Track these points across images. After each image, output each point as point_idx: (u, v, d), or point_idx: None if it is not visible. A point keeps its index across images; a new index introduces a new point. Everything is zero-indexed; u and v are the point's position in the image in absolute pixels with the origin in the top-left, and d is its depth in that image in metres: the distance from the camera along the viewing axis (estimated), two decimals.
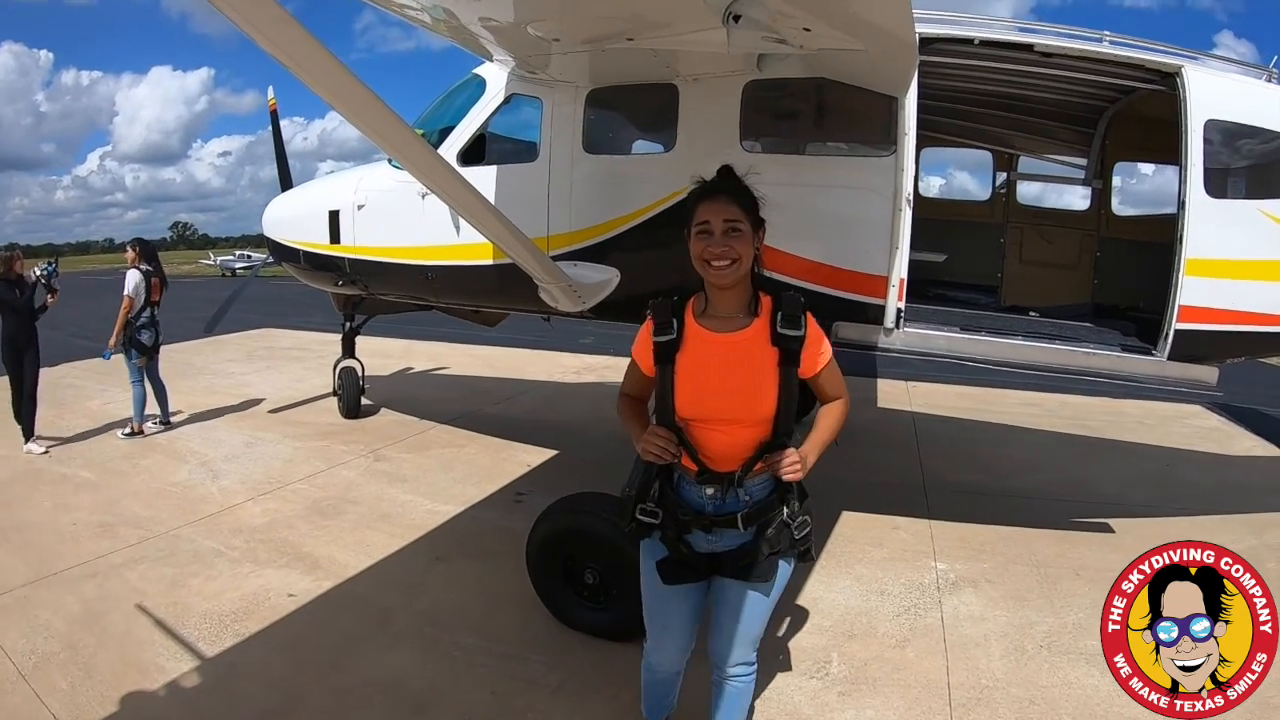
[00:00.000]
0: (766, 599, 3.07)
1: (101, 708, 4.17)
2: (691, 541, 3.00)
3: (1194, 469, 8.87)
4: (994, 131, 8.26)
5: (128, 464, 8.37)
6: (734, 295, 2.87)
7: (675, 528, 3.00)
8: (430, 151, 4.32)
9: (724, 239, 2.78)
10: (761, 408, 2.84)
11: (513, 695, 4.28)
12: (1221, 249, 5.44)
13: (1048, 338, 5.94)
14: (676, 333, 2.89)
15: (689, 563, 3.01)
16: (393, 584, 5.61)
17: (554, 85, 6.14)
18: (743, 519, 2.93)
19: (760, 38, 4.22)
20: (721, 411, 2.85)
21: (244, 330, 18.79)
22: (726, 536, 2.98)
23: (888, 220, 5.51)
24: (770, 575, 2.98)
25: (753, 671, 3.24)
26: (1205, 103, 5.46)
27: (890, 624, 5.14)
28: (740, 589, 3.03)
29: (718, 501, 2.94)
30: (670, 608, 3.16)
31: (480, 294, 7.21)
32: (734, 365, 2.85)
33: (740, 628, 3.09)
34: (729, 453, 2.89)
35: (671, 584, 3.04)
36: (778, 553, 2.96)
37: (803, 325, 2.85)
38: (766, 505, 2.96)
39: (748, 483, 2.92)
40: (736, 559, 2.97)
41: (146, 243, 9.77)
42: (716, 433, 2.88)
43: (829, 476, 7.82)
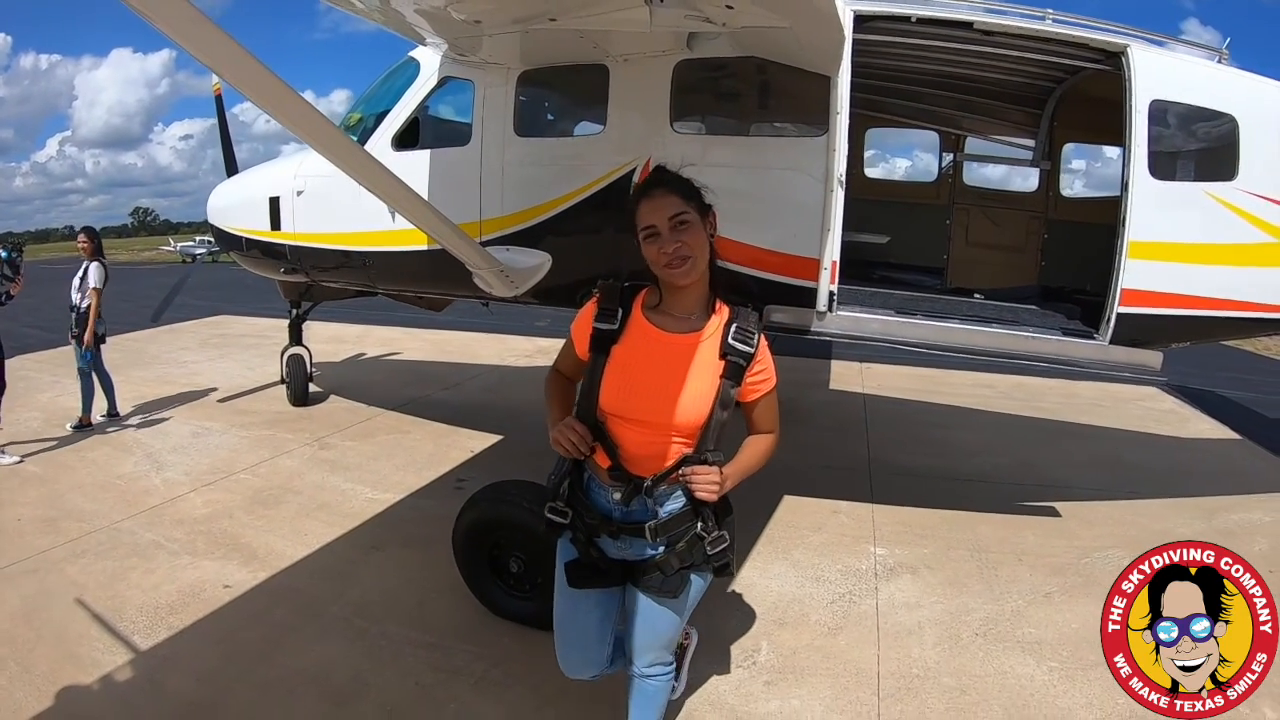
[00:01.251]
0: (679, 611, 2.97)
1: (38, 703, 4.15)
2: (602, 546, 2.90)
3: (1146, 452, 8.91)
4: (941, 112, 8.25)
5: (75, 456, 8.27)
6: (691, 294, 2.75)
7: (584, 530, 2.89)
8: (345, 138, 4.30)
9: (673, 235, 2.61)
10: (692, 417, 2.71)
11: (436, 686, 4.25)
12: (1165, 232, 5.43)
13: (988, 321, 5.93)
14: (619, 323, 2.77)
15: (600, 567, 2.92)
16: (327, 574, 5.56)
17: (485, 67, 6.10)
18: (650, 531, 2.80)
19: (683, 16, 4.22)
20: (649, 413, 2.72)
21: (199, 318, 18.58)
22: (635, 546, 2.86)
23: (819, 202, 5.48)
24: (679, 590, 2.87)
25: (669, 672, 3.15)
26: (1150, 83, 5.43)
27: (823, 611, 5.11)
28: (650, 602, 2.91)
29: (623, 508, 2.82)
30: (576, 615, 3.08)
31: (416, 280, 7.20)
32: (674, 368, 2.71)
33: (652, 636, 3.00)
34: (644, 455, 2.77)
35: (579, 588, 2.96)
36: (689, 567, 2.86)
37: (755, 344, 2.74)
38: (679, 518, 2.82)
39: (658, 493, 2.79)
40: (646, 570, 2.86)
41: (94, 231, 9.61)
42: (638, 433, 2.75)
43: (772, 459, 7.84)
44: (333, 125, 4.09)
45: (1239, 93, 5.50)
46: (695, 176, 2.77)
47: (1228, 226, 5.39)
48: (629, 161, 5.75)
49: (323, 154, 4.12)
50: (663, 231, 2.61)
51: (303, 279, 8.36)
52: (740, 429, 2.91)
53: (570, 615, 3.09)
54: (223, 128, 10.51)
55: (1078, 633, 4.85)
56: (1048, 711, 4.17)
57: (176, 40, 2.78)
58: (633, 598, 2.97)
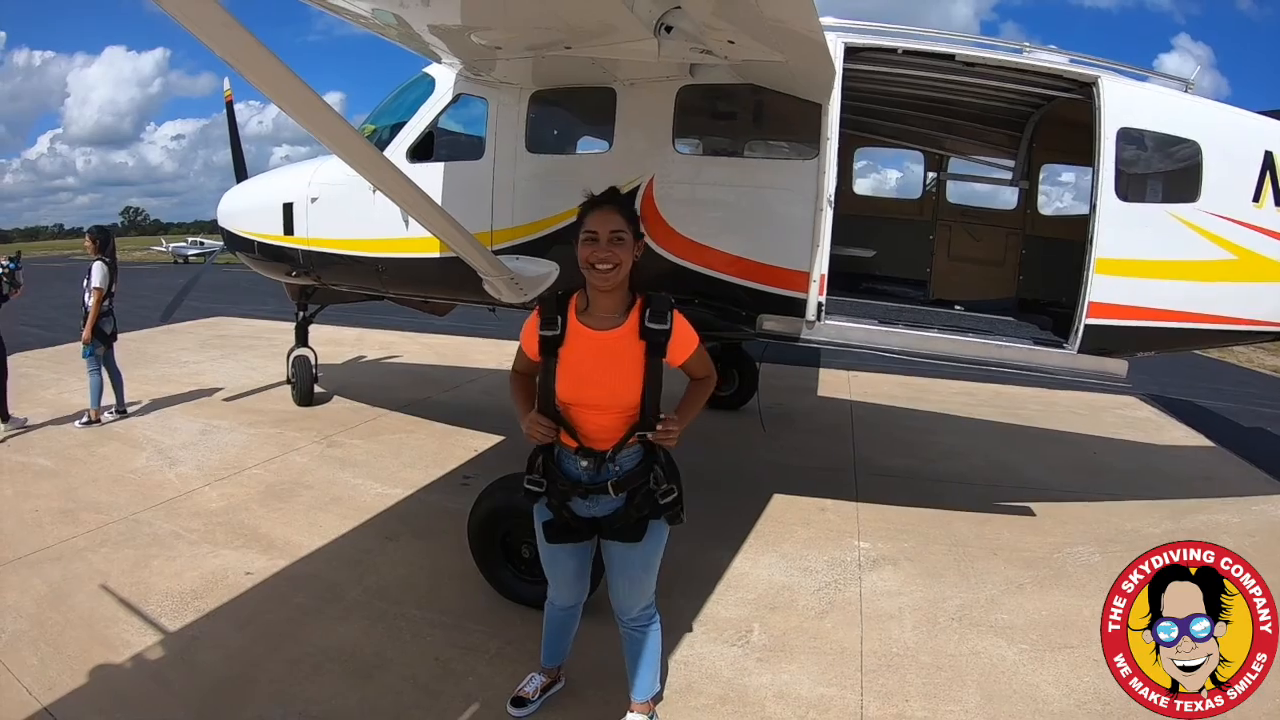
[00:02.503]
0: (645, 555, 3.51)
1: (72, 680, 4.36)
2: (573, 507, 3.45)
3: (1120, 456, 9.22)
4: (925, 133, 8.57)
5: (85, 452, 8.45)
6: (612, 298, 3.25)
7: (557, 496, 3.43)
8: (373, 150, 4.50)
9: (609, 246, 3.13)
10: (630, 396, 3.26)
11: (454, 660, 4.56)
12: (1130, 249, 5.77)
13: (965, 330, 6.27)
14: (560, 329, 3.28)
15: (572, 526, 3.46)
16: (343, 562, 5.83)
17: (499, 86, 6.39)
18: (612, 486, 3.36)
19: (689, 48, 4.51)
20: (596, 399, 3.27)
21: (197, 319, 18.65)
22: (601, 503, 3.42)
23: (810, 219, 5.83)
24: (640, 534, 3.42)
25: (654, 618, 3.71)
26: (1118, 112, 5.78)
27: (810, 598, 5.44)
28: (621, 550, 3.49)
29: (592, 473, 3.35)
30: (560, 561, 3.67)
31: (427, 286, 7.47)
32: (608, 360, 3.24)
33: (628, 583, 3.56)
34: (602, 433, 3.33)
35: (556, 543, 3.53)
36: (645, 515, 3.40)
37: (669, 321, 3.25)
38: (635, 474, 3.37)
39: (619, 456, 3.34)
40: (612, 521, 3.41)
41: (105, 231, 9.86)
42: (591, 415, 3.31)
43: (763, 461, 8.16)
44: (360, 135, 4.35)
45: (1202, 120, 5.86)
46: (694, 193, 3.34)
47: (1190, 245, 5.73)
48: (633, 179, 6.05)
49: (349, 162, 4.33)
50: (601, 239, 3.13)
51: (312, 282, 8.60)
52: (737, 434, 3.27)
53: (553, 563, 3.70)
54: (233, 133, 10.68)
55: (1047, 619, 5.21)
56: (1017, 686, 4.48)
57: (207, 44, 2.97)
58: (607, 552, 3.58)
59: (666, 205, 6.08)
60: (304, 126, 3.72)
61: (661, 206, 6.09)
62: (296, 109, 3.57)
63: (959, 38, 6.25)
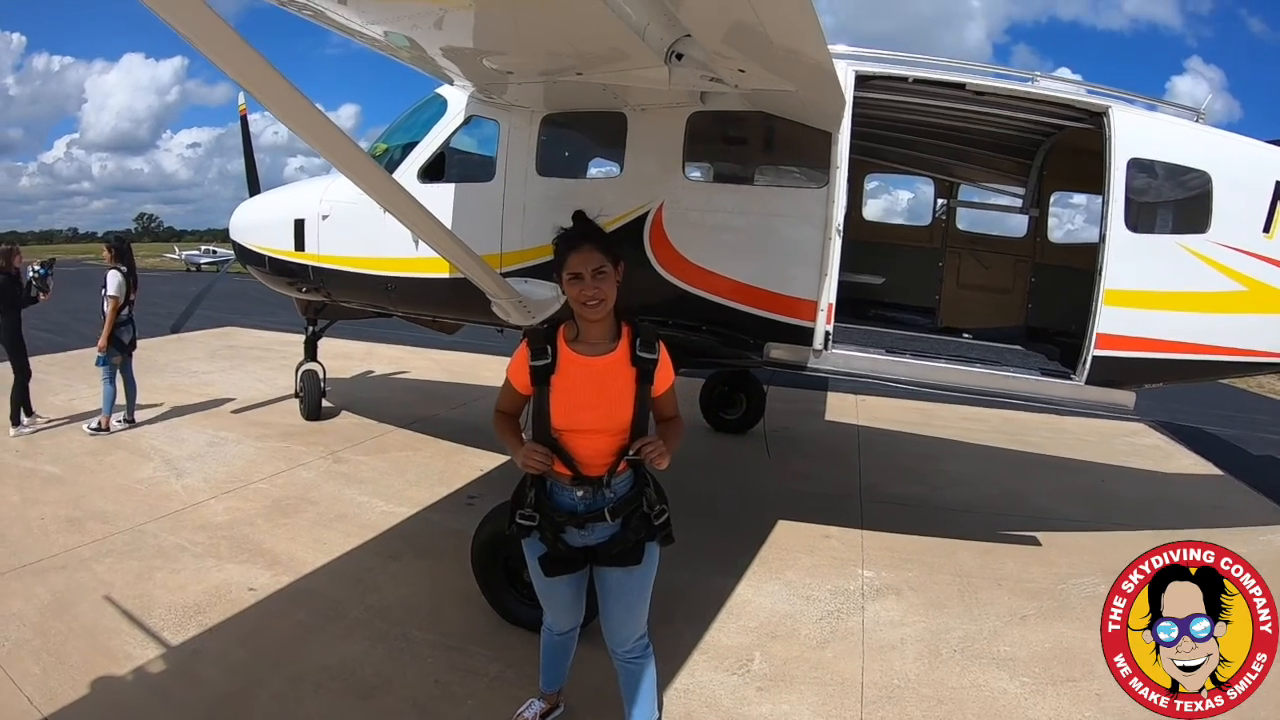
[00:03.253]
0: (641, 580, 3.53)
1: (73, 691, 4.41)
2: (566, 539, 3.45)
3: (1128, 484, 9.16)
4: (935, 160, 8.57)
5: (93, 460, 8.54)
6: (601, 326, 3.32)
7: (551, 528, 3.43)
8: (381, 172, 4.55)
9: (594, 282, 3.21)
10: (623, 417, 3.32)
11: (454, 683, 4.56)
12: (1139, 280, 5.74)
13: (971, 360, 6.26)
14: (551, 358, 3.32)
15: (566, 557, 3.47)
16: (347, 580, 5.85)
17: (510, 109, 6.42)
18: (609, 512, 3.40)
19: (699, 76, 4.54)
20: (591, 423, 3.31)
21: (207, 328, 18.82)
22: (597, 530, 3.43)
23: (819, 248, 5.83)
24: (638, 558, 3.45)
25: (647, 649, 3.70)
26: (1129, 142, 5.76)
27: (812, 627, 5.42)
28: (617, 575, 3.49)
29: (588, 501, 3.39)
30: (556, 592, 3.67)
31: (436, 305, 7.47)
32: (602, 384, 3.31)
33: (625, 610, 3.56)
34: (596, 458, 3.36)
35: (552, 576, 3.52)
36: (642, 538, 3.45)
37: (656, 351, 3.36)
38: (629, 499, 3.43)
39: (613, 482, 3.40)
40: (609, 548, 3.44)
41: (122, 240, 9.98)
42: (586, 440, 3.34)
43: (768, 486, 8.14)
44: (368, 157, 4.39)
45: (1213, 150, 5.84)
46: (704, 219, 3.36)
47: (1200, 276, 5.70)
48: (643, 204, 6.08)
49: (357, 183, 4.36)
50: (585, 278, 3.20)
51: (322, 298, 8.65)
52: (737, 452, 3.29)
53: (549, 594, 3.72)
54: (247, 147, 10.74)
55: (1050, 651, 5.18)
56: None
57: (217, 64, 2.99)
58: (602, 581, 3.57)
59: (676, 231, 6.09)
60: (313, 147, 3.75)
61: (671, 232, 6.09)
62: (306, 130, 3.59)
63: (970, 66, 6.28)
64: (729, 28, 3.96)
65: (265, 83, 3.22)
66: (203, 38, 2.90)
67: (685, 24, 3.95)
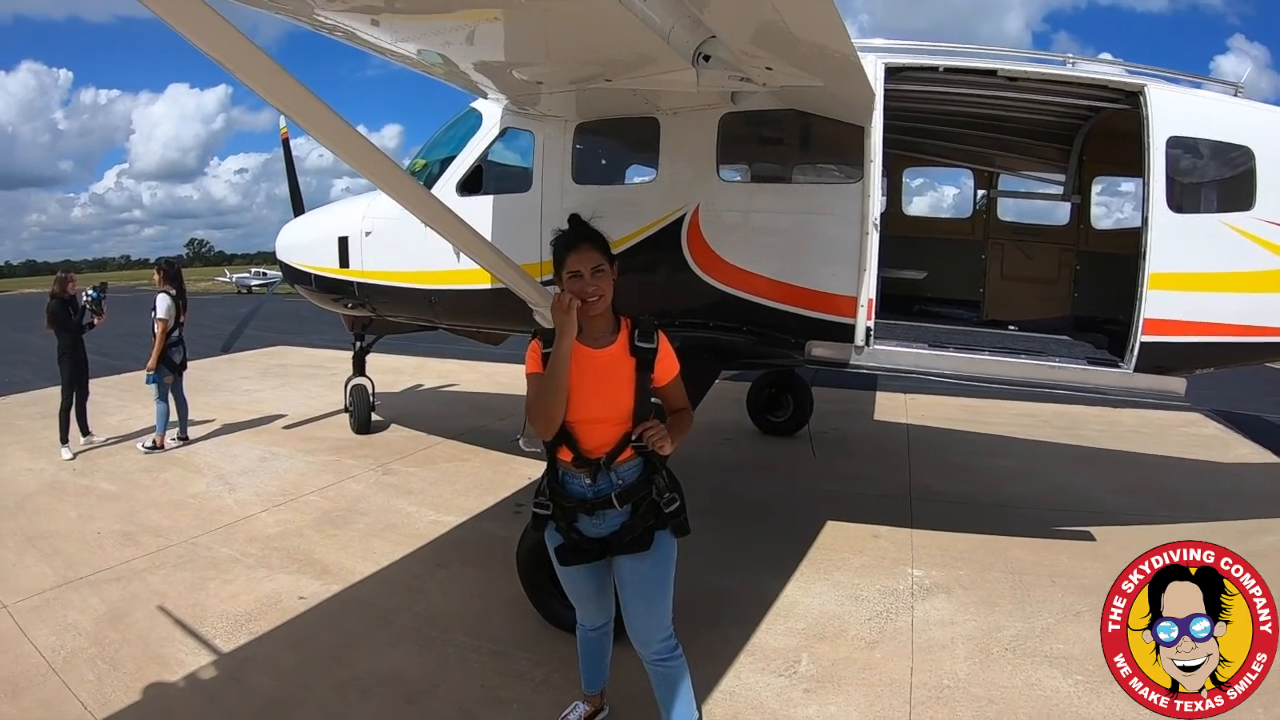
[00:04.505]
0: (656, 570, 3.55)
1: (126, 697, 4.52)
2: (580, 528, 3.54)
3: (1185, 477, 8.93)
4: (973, 150, 8.50)
5: (148, 476, 8.72)
6: (601, 321, 3.44)
7: (564, 517, 3.55)
8: (420, 187, 4.61)
9: (592, 280, 3.34)
10: (626, 405, 3.41)
11: (501, 688, 4.59)
12: (1185, 263, 5.62)
13: (1017, 352, 6.15)
14: None
15: (582, 547, 3.55)
16: (395, 588, 5.92)
17: (544, 119, 6.47)
18: (616, 498, 3.47)
19: (727, 76, 4.52)
20: (595, 412, 3.41)
21: (258, 348, 19.19)
22: (608, 518, 3.52)
23: (856, 244, 5.78)
24: (648, 543, 3.49)
25: (676, 653, 3.66)
26: (1167, 120, 5.64)
27: (861, 627, 5.35)
28: (631, 564, 3.53)
29: (595, 487, 3.48)
30: (578, 582, 3.76)
31: (479, 317, 7.58)
32: (605, 374, 3.41)
33: (644, 604, 3.57)
34: (603, 447, 3.44)
35: (569, 565, 3.61)
36: (651, 525, 3.50)
37: (655, 340, 3.47)
38: (637, 486, 3.50)
39: (618, 467, 3.47)
40: (620, 535, 3.51)
41: (172, 264, 10.22)
42: (594, 430, 3.43)
43: (817, 487, 8.08)
44: (406, 174, 4.48)
45: (1255, 125, 5.71)
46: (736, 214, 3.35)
47: (1246, 255, 5.58)
48: (679, 207, 6.10)
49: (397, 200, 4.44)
50: (584, 276, 3.34)
51: (368, 314, 8.77)
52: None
53: (572, 585, 3.81)
54: (290, 169, 10.95)
55: None
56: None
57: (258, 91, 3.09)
58: (619, 574, 3.61)
59: (713, 233, 6.09)
60: (351, 165, 3.80)
61: (708, 234, 6.10)
62: (345, 150, 3.66)
63: (1003, 52, 6.18)
64: (753, 27, 3.97)
65: (302, 106, 3.30)
66: (241, 66, 2.99)
67: (710, 25, 3.95)
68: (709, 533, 3.56)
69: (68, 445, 9.67)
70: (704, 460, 8.75)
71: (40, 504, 7.90)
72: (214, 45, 2.85)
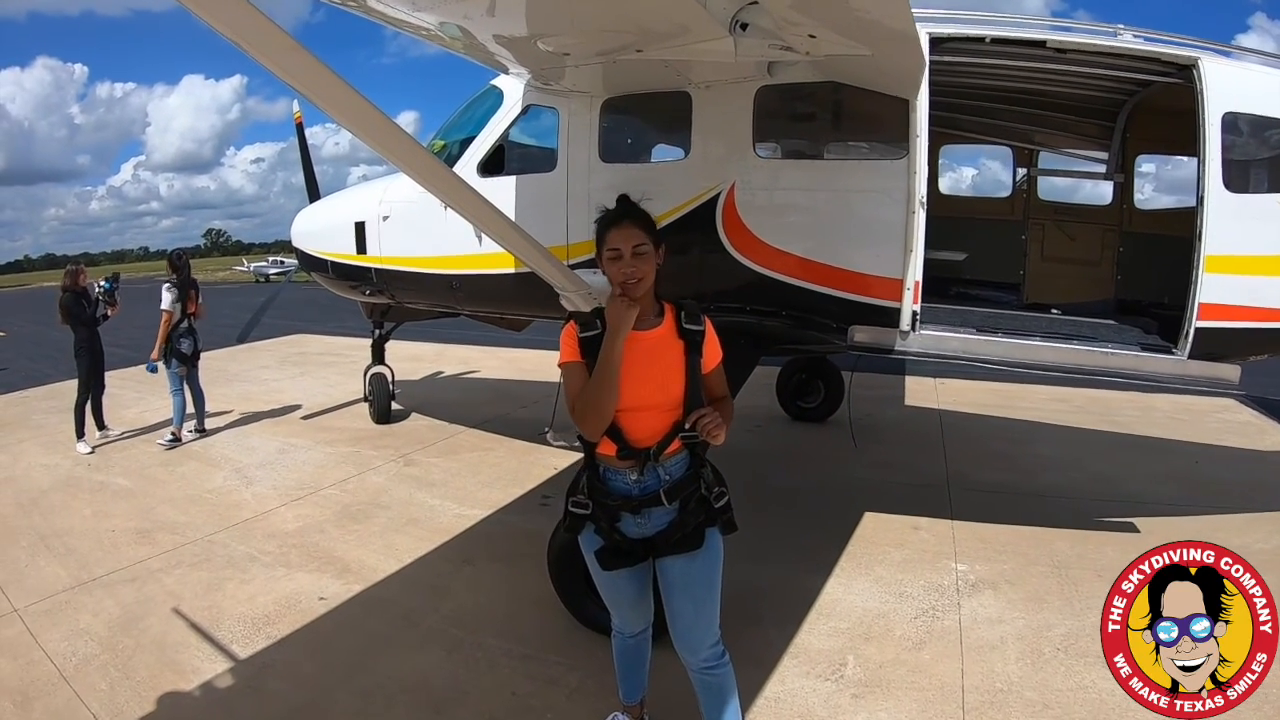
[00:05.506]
0: (706, 570, 3.33)
1: (139, 707, 4.35)
2: (623, 529, 3.31)
3: (1223, 465, 8.69)
4: (1013, 127, 8.22)
5: (164, 471, 8.61)
6: (643, 303, 3.19)
7: (606, 517, 3.30)
8: (441, 166, 4.41)
9: (633, 260, 3.14)
10: (675, 391, 3.21)
11: (532, 695, 4.39)
12: (1242, 245, 5.38)
13: (1065, 337, 5.92)
14: (601, 329, 3.17)
15: (624, 549, 3.33)
16: (419, 587, 5.74)
17: (569, 95, 6.25)
18: (665, 494, 3.24)
19: (767, 46, 4.29)
20: (644, 398, 3.19)
21: (277, 336, 19.20)
22: (654, 516, 3.28)
23: (901, 223, 5.53)
24: (700, 541, 3.28)
25: (724, 660, 3.43)
26: (1223, 94, 5.40)
27: (908, 626, 5.14)
28: (680, 564, 3.30)
29: (641, 483, 3.25)
30: (618, 587, 3.51)
31: (503, 302, 7.37)
32: (652, 358, 3.20)
33: (694, 606, 3.32)
34: (651, 436, 3.22)
35: (611, 569, 3.37)
36: (702, 522, 3.30)
37: (702, 323, 3.30)
38: (685, 481, 3.28)
39: (665, 462, 3.25)
40: (668, 534, 3.28)
41: (181, 255, 10.05)
42: (642, 417, 3.21)
43: (851, 475, 7.89)
44: (430, 154, 4.25)
45: None
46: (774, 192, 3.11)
47: None
48: (713, 186, 5.87)
49: (419, 181, 4.24)
50: (625, 255, 3.14)
51: (387, 300, 8.59)
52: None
53: (611, 590, 3.55)
54: (304, 154, 10.82)
55: None
56: None
57: (273, 70, 2.94)
58: (664, 575, 3.38)
59: (749, 213, 5.86)
60: (371, 146, 3.69)
61: (744, 214, 5.87)
62: (364, 129, 3.53)
63: (1047, 22, 5.93)
64: None
65: (321, 84, 3.15)
66: (257, 44, 2.86)
67: None
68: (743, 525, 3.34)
69: (84, 440, 9.59)
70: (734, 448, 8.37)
71: (55, 501, 7.78)
72: (229, 24, 2.71)
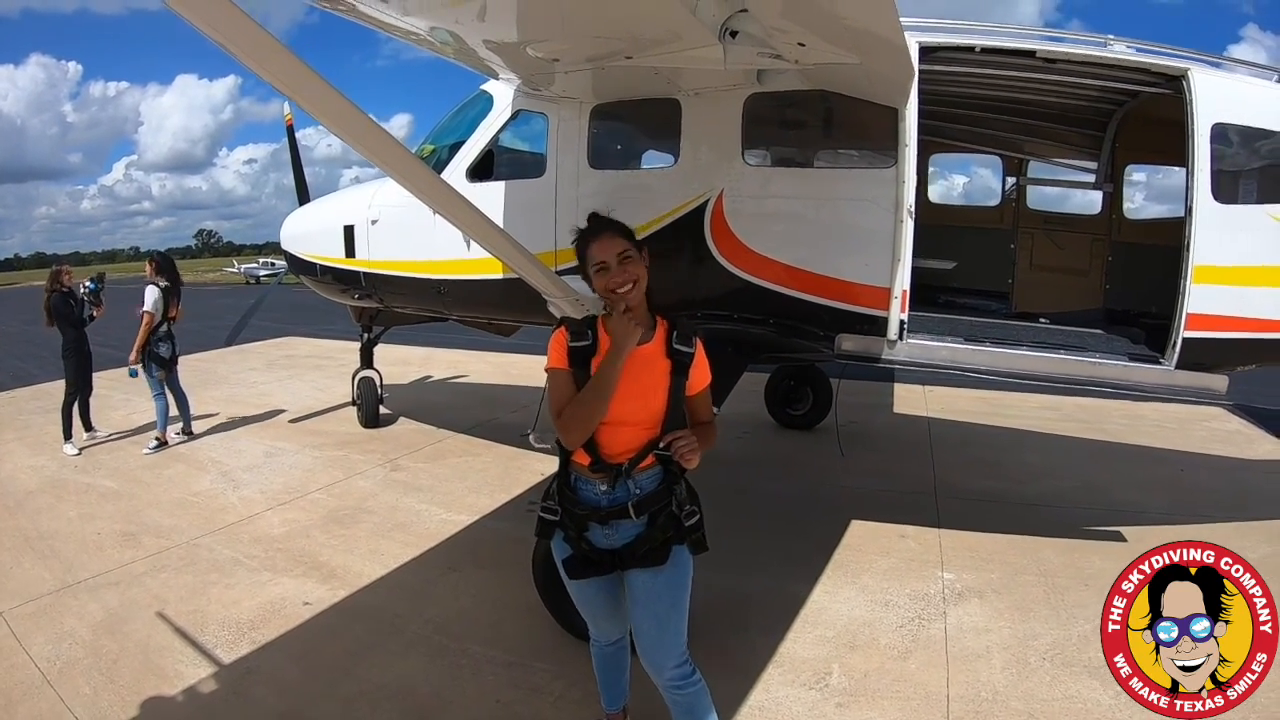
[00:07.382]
0: (670, 586, 3.29)
1: (123, 712, 4.33)
2: (591, 539, 3.29)
3: (1211, 474, 8.72)
4: (1003, 136, 8.24)
5: (150, 474, 8.57)
6: (637, 314, 3.18)
7: (574, 525, 3.29)
8: (430, 173, 4.42)
9: (620, 268, 3.13)
10: (656, 409, 3.18)
11: (517, 703, 4.37)
12: (1230, 255, 5.39)
13: (1054, 347, 5.94)
14: (592, 340, 3.19)
15: (592, 559, 3.30)
16: (405, 593, 5.71)
17: (559, 101, 6.24)
18: (633, 507, 3.21)
19: (756, 53, 4.30)
20: (626, 414, 3.15)
21: (265, 339, 19.15)
22: (622, 529, 3.26)
23: (890, 232, 5.54)
24: (664, 558, 3.24)
25: (693, 679, 3.39)
26: (1212, 105, 5.42)
27: (893, 635, 5.13)
28: (645, 579, 3.27)
29: (611, 495, 3.22)
30: (589, 596, 3.49)
31: (490, 307, 7.35)
32: (638, 374, 3.14)
33: (657, 624, 3.29)
34: (625, 453, 3.20)
35: (578, 579, 3.36)
36: (670, 538, 3.25)
37: (693, 345, 3.25)
38: (656, 496, 3.24)
39: (637, 475, 3.22)
40: (634, 548, 3.25)
41: (166, 257, 10.01)
42: (618, 433, 3.17)
43: (838, 483, 7.89)
44: (416, 158, 4.25)
45: None
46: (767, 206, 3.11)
47: None
48: (702, 193, 5.87)
49: (405, 186, 4.21)
50: (611, 266, 3.13)
51: (376, 305, 8.59)
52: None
53: (583, 599, 3.53)
54: (294, 157, 10.78)
55: None
56: None
57: (258, 73, 2.92)
58: (630, 589, 3.35)
59: (738, 220, 5.86)
60: (357, 149, 3.65)
61: (733, 222, 5.87)
62: (349, 133, 3.49)
63: (1036, 32, 5.98)
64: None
65: (305, 86, 3.13)
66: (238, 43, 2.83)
67: None
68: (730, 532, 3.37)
69: (71, 441, 9.56)
70: (721, 455, 8.41)
71: (40, 503, 7.76)
72: (215, 25, 2.70)
